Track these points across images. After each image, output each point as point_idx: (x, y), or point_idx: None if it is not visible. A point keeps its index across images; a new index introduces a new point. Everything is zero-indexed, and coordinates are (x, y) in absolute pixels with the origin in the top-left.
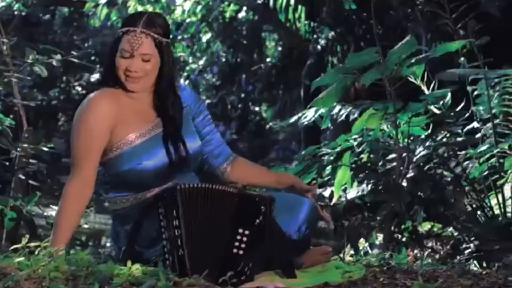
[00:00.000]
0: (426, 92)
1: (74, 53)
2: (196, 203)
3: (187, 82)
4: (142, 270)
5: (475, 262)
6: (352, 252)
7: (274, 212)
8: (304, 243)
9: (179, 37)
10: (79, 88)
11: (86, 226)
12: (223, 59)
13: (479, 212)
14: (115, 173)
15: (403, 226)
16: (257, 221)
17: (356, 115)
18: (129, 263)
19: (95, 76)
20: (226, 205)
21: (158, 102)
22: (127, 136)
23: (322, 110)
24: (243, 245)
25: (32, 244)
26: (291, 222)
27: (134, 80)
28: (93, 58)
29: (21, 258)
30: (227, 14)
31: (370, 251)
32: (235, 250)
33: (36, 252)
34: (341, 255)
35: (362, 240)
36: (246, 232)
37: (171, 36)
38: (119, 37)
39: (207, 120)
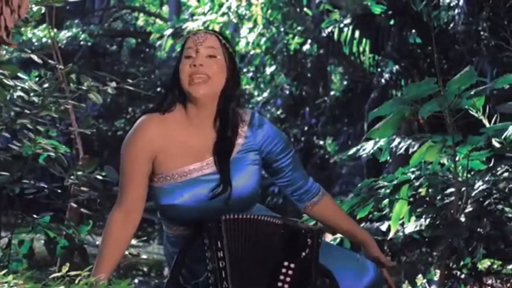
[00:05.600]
0: (487, 125)
1: (131, 81)
2: (241, 234)
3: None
4: None
5: None
6: None
7: (339, 270)
8: None
9: (244, 70)
10: None
11: (144, 256)
12: (287, 92)
13: None
14: (157, 203)
15: (462, 263)
16: (303, 254)
17: (415, 148)
18: None
19: None
20: (272, 237)
21: (219, 114)
22: (168, 171)
23: (381, 143)
24: (288, 279)
25: (73, 273)
26: (352, 286)
27: (198, 84)
28: (158, 89)
29: (61, 287)
30: (292, 47)
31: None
32: (280, 284)
33: (76, 281)
34: None
35: (420, 276)
36: (292, 266)
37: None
38: (183, 45)
39: (286, 160)
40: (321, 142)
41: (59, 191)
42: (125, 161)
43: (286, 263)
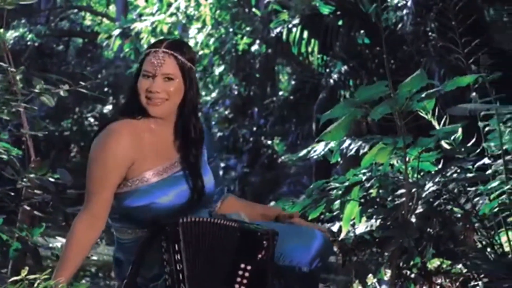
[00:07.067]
0: (437, 127)
1: (83, 83)
2: (198, 237)
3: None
4: None
5: None
6: (360, 287)
7: (286, 245)
8: (313, 278)
9: None
10: (91, 120)
11: (94, 258)
12: (236, 92)
13: (488, 249)
14: (126, 207)
15: (412, 262)
16: (259, 256)
17: (366, 149)
18: None
19: (108, 108)
20: (229, 239)
21: (180, 127)
22: (143, 173)
23: (332, 144)
24: (245, 281)
25: (32, 276)
26: (303, 255)
27: (155, 103)
28: (106, 89)
29: None
30: (240, 47)
31: (378, 287)
32: (236, 286)
33: (36, 285)
34: None
35: (370, 275)
36: (248, 268)
37: None
38: (142, 60)
39: (216, 163)
40: (269, 142)
41: (12, 194)
42: (97, 167)
43: (242, 265)
